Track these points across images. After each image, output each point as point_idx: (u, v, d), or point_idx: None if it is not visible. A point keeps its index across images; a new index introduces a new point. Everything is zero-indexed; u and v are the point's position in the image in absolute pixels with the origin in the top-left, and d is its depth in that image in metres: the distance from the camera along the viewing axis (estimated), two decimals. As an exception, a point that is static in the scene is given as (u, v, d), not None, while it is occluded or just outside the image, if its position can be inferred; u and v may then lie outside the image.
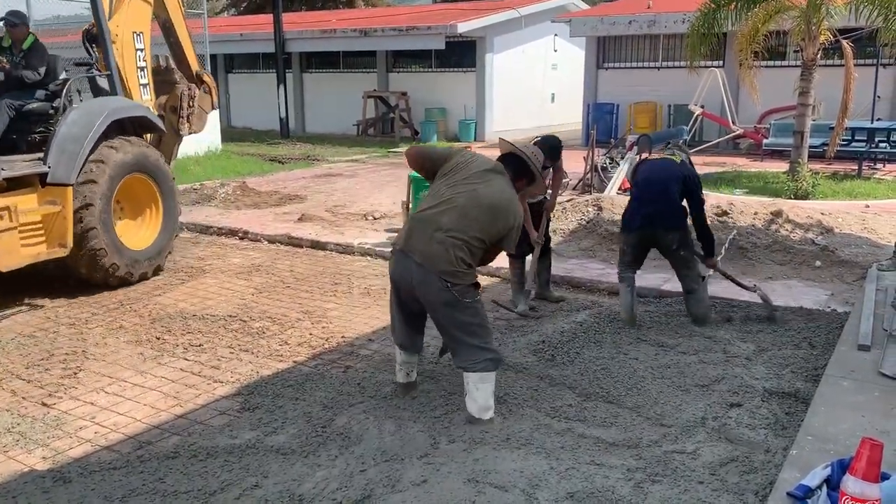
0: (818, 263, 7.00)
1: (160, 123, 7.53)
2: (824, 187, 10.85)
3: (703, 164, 13.50)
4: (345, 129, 20.96)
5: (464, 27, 18.25)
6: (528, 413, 4.13)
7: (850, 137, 13.21)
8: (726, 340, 5.20)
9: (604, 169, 11.23)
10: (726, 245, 6.84)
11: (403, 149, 15.64)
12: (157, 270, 7.19)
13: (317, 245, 8.40)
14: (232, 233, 9.01)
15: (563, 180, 10.88)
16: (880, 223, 8.06)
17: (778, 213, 7.87)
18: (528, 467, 3.52)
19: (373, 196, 11.24)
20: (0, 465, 3.71)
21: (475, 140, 18.79)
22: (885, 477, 2.53)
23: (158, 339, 5.48)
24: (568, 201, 8.86)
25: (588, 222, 8.28)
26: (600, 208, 8.45)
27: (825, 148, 12.42)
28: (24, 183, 6.15)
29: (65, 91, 6.65)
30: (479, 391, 3.91)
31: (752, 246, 7.33)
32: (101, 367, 4.98)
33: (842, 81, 11.36)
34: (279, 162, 15.69)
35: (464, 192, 3.91)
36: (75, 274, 6.61)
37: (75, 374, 4.84)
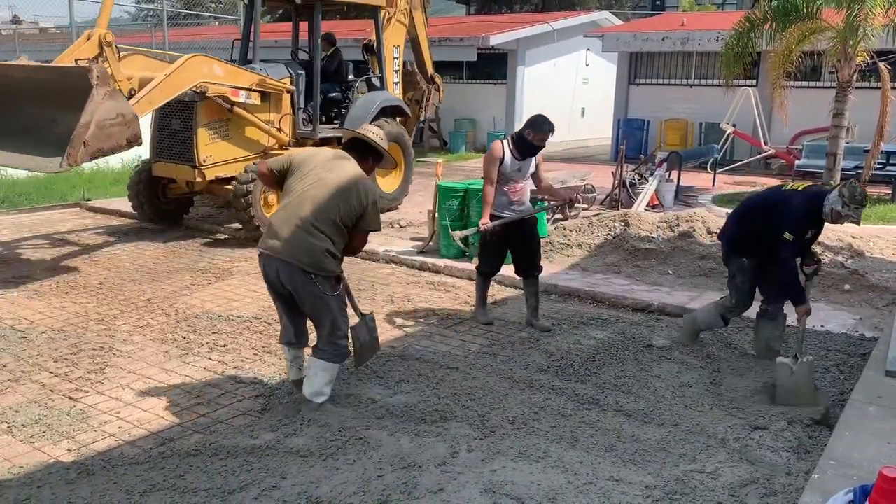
0: (847, 287, 6.91)
1: (408, 110, 11.45)
2: (856, 210, 10.66)
3: (734, 184, 13.42)
4: (374, 137, 21.10)
5: (496, 39, 18.30)
6: (546, 427, 4.12)
7: (885, 161, 12.98)
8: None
9: (632, 185, 11.16)
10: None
11: (432, 159, 15.77)
12: (394, 208, 10.57)
13: (343, 251, 8.44)
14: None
15: (590, 194, 10.70)
16: (913, 249, 7.92)
17: (808, 235, 7.76)
18: (546, 480, 3.51)
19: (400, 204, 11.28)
20: (26, 455, 3.79)
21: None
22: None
23: (184, 338, 5.56)
24: (595, 216, 8.82)
25: (615, 237, 8.24)
26: (627, 224, 8.41)
27: (859, 171, 12.21)
28: (328, 142, 9.37)
29: (356, 86, 10.29)
30: (318, 377, 4.17)
31: (781, 267, 7.25)
32: (127, 363, 5.06)
33: (878, 104, 11.20)
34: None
35: (312, 183, 4.06)
36: None
37: (102, 369, 4.93)
